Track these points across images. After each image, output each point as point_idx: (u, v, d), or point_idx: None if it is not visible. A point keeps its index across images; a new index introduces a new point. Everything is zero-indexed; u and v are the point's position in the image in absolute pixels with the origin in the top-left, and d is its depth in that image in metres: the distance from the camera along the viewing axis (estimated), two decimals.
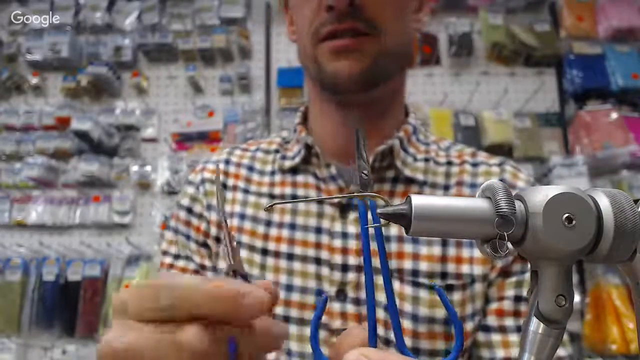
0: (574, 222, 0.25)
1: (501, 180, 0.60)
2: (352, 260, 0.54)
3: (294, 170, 0.61)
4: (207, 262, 0.60)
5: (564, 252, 0.25)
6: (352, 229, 0.55)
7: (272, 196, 0.60)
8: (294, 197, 0.59)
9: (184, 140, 1.93)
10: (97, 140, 1.86)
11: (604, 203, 0.25)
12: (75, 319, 1.73)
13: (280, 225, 0.58)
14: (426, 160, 0.60)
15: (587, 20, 1.90)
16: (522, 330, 0.27)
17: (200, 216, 0.61)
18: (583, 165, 1.70)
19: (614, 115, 1.78)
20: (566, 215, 0.25)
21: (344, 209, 0.57)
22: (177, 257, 0.62)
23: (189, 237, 0.61)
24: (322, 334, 0.53)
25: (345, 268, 0.54)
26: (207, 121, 1.92)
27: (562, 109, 1.88)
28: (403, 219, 0.26)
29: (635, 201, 0.26)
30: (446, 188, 0.59)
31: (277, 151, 0.65)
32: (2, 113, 1.97)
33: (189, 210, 0.62)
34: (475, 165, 0.61)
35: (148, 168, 1.89)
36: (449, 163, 0.61)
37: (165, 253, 0.63)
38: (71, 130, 1.86)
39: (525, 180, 0.61)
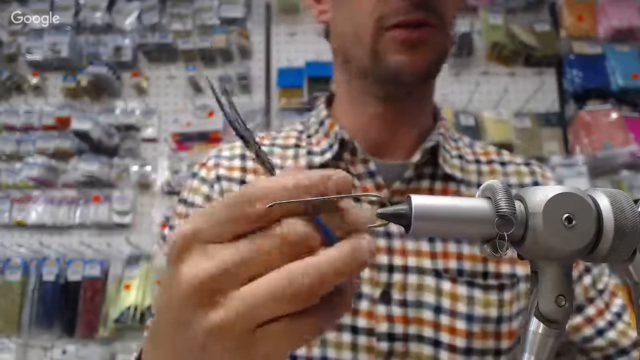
0: (574, 222, 0.25)
1: (535, 182, 0.59)
2: (398, 260, 0.52)
3: (321, 167, 0.56)
4: None
5: (564, 252, 0.25)
6: (394, 227, 0.52)
7: None
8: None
9: (184, 140, 1.93)
10: (97, 140, 1.86)
11: (604, 203, 0.25)
12: (75, 319, 1.73)
13: None
14: (459, 157, 0.59)
15: (587, 20, 1.89)
16: (522, 330, 0.27)
17: None
18: (583, 165, 1.70)
19: (614, 115, 1.78)
20: (566, 215, 0.25)
21: (384, 207, 0.55)
22: None
23: None
24: (367, 340, 0.50)
25: (391, 269, 0.52)
26: (207, 121, 1.92)
27: (562, 109, 1.88)
28: (403, 219, 0.26)
29: (635, 201, 0.26)
30: (479, 187, 0.59)
31: (296, 146, 0.60)
32: (2, 113, 1.97)
33: None
34: (503, 164, 0.61)
35: (148, 168, 1.88)
36: (477, 161, 0.61)
37: None
38: (71, 130, 1.86)
39: (553, 180, 0.61)
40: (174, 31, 1.98)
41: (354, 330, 0.50)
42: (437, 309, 0.51)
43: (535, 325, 0.26)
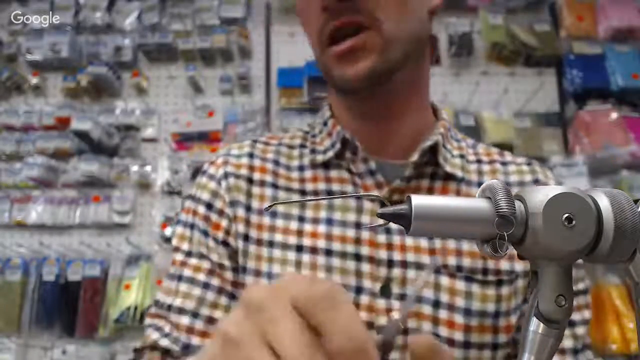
0: (574, 222, 0.25)
1: (536, 180, 0.60)
2: (397, 255, 0.53)
3: (325, 166, 0.59)
4: (225, 262, 0.57)
5: (564, 252, 0.25)
6: (395, 224, 0.53)
7: (303, 192, 0.58)
8: (329, 193, 0.57)
9: (184, 140, 1.93)
10: (97, 140, 1.85)
11: (604, 203, 0.25)
12: (75, 319, 1.73)
13: (316, 220, 0.56)
14: (461, 156, 0.60)
15: (587, 20, 1.89)
16: (522, 330, 0.27)
17: (221, 213, 0.58)
18: (583, 165, 1.70)
19: (614, 115, 1.78)
20: (566, 215, 0.25)
21: (384, 204, 0.55)
22: (189, 254, 0.58)
23: (207, 234, 0.58)
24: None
25: (390, 264, 0.53)
26: (207, 121, 1.92)
27: (562, 109, 1.88)
28: (403, 219, 0.26)
29: (635, 201, 0.26)
30: (480, 186, 0.58)
31: (302, 146, 0.62)
32: (2, 113, 1.97)
33: (209, 206, 0.59)
34: (504, 164, 0.62)
35: (148, 168, 1.88)
36: (479, 161, 0.61)
37: (177, 249, 0.60)
38: (71, 130, 1.86)
39: (554, 179, 0.62)
40: (174, 31, 1.98)
41: None
42: (436, 304, 0.52)
43: (535, 325, 0.26)
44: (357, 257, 0.54)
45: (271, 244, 0.56)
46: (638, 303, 0.27)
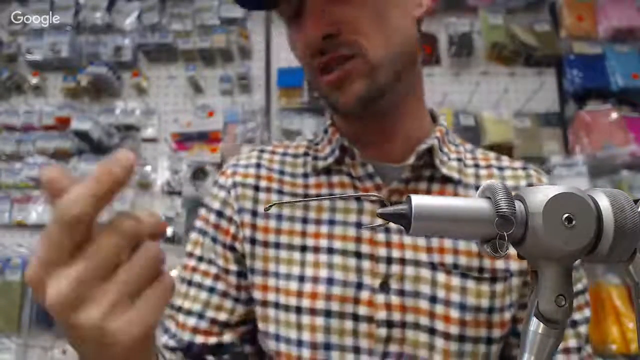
0: (574, 222, 0.25)
1: (530, 184, 0.61)
2: (396, 253, 0.56)
3: (326, 171, 0.62)
4: (232, 266, 0.61)
5: (564, 252, 0.25)
6: (393, 224, 0.55)
7: (307, 197, 0.61)
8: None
9: (184, 140, 1.93)
10: (97, 140, 1.86)
11: (604, 203, 0.25)
12: None
13: (318, 222, 0.59)
14: (458, 160, 0.62)
15: (587, 20, 1.89)
16: (522, 330, 0.27)
17: (230, 219, 0.62)
18: (583, 165, 1.70)
19: (614, 115, 1.77)
20: (566, 215, 0.25)
21: (383, 205, 0.57)
22: (200, 259, 0.63)
23: (216, 240, 0.62)
24: (368, 327, 0.54)
25: (389, 261, 0.56)
26: (207, 121, 1.92)
27: (562, 109, 1.88)
28: (403, 219, 0.26)
29: (635, 201, 0.26)
30: (477, 189, 0.59)
31: (305, 154, 0.66)
32: (2, 113, 1.97)
33: (219, 214, 0.63)
34: (501, 169, 0.64)
35: (148, 168, 1.88)
36: (476, 165, 0.63)
37: (190, 255, 0.64)
38: (71, 130, 1.86)
39: (548, 184, 0.63)
40: (174, 31, 1.98)
41: (355, 317, 0.55)
42: (433, 299, 0.55)
43: (535, 325, 0.26)
44: (358, 255, 0.57)
45: (277, 245, 0.60)
46: (638, 303, 0.27)
